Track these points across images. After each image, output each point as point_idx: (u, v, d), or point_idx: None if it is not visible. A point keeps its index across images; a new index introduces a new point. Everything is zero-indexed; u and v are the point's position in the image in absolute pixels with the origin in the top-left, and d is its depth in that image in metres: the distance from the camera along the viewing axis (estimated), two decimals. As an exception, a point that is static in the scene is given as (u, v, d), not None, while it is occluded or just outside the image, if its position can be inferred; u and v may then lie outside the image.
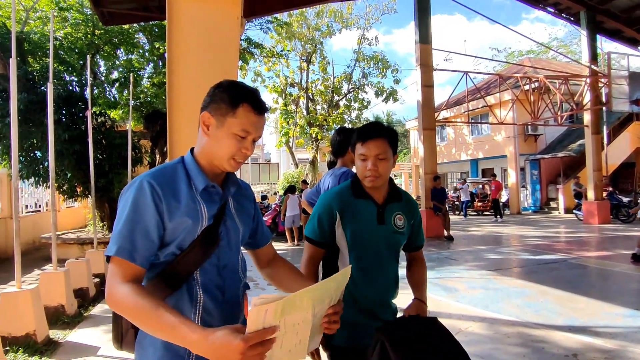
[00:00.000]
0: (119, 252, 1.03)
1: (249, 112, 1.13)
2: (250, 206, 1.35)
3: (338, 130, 2.97)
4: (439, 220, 10.58)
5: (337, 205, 1.63)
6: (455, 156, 22.72)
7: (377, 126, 1.65)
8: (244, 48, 13.49)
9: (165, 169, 1.15)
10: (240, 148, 1.14)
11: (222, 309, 1.18)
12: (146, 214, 1.06)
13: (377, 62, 20.73)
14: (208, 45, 2.85)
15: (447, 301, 5.00)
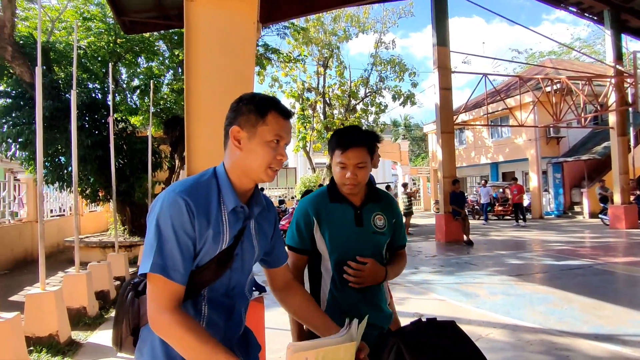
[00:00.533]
0: (160, 270, 1.02)
1: (278, 118, 1.15)
2: (270, 228, 1.33)
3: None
4: (458, 225, 10.42)
5: (312, 210, 1.61)
6: (475, 160, 22.38)
7: (357, 134, 1.61)
8: (262, 54, 13.63)
9: (200, 185, 1.13)
10: (275, 155, 1.14)
11: (226, 325, 1.19)
12: (183, 232, 1.05)
13: (394, 66, 20.63)
14: (225, 50, 2.87)
15: (467, 307, 4.90)
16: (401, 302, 5.08)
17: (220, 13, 2.87)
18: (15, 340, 3.24)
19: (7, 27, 6.90)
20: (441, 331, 0.81)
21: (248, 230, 1.21)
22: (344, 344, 0.92)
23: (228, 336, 1.20)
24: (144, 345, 1.14)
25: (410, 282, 6.28)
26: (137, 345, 1.17)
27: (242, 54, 2.90)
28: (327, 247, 1.59)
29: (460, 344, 0.76)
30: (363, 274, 1.55)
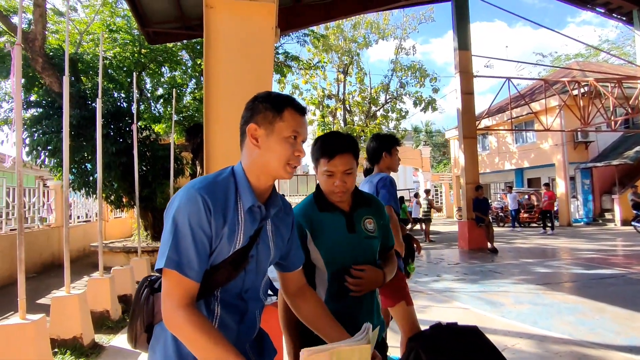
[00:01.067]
0: (175, 266, 1.02)
1: (294, 114, 1.15)
2: (287, 231, 1.30)
3: (373, 137, 2.93)
4: (482, 232, 10.16)
5: (304, 222, 1.55)
6: (499, 166, 21.88)
7: (342, 140, 1.57)
8: (282, 62, 13.77)
9: (218, 183, 1.12)
10: (293, 151, 1.14)
11: (238, 328, 1.17)
12: (200, 229, 1.04)
13: (414, 72, 20.47)
14: (244, 55, 2.89)
15: (491, 316, 4.74)
16: (423, 310, 4.96)
17: (239, 19, 2.90)
18: (40, 341, 3.31)
19: (38, 40, 7.18)
20: (462, 336, 0.76)
21: (264, 232, 1.19)
22: (359, 345, 0.88)
23: (241, 338, 1.18)
24: (157, 343, 1.14)
25: (432, 289, 6.14)
26: (150, 343, 1.17)
27: (260, 58, 2.92)
28: (323, 258, 1.55)
29: (482, 349, 0.71)
30: (363, 281, 1.52)
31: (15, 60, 3.59)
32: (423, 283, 6.66)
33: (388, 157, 2.82)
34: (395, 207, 2.59)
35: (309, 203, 1.63)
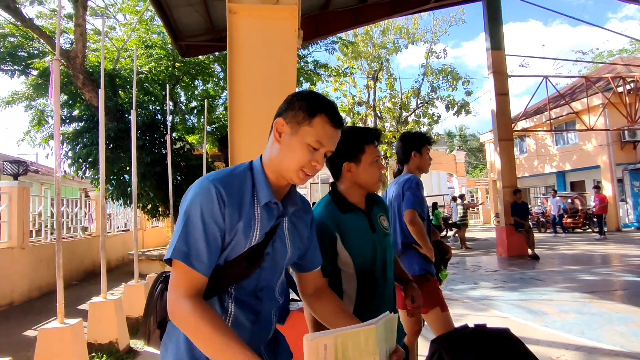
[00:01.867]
0: (183, 257, 0.99)
1: (325, 124, 1.09)
2: (306, 229, 1.26)
3: (402, 136, 2.84)
4: (521, 238, 9.70)
5: (332, 225, 1.48)
6: (538, 169, 20.98)
7: (369, 128, 1.58)
8: (311, 70, 13.86)
9: (234, 176, 1.09)
10: (310, 160, 1.08)
11: (252, 327, 1.12)
12: (212, 220, 1.01)
13: (446, 75, 20.08)
14: (267, 59, 2.89)
15: (533, 325, 4.47)
16: (459, 318, 4.75)
17: (262, 24, 2.90)
18: (77, 345, 3.41)
19: (79, 58, 7.56)
20: (490, 339, 0.68)
21: (281, 229, 1.15)
22: (364, 328, 0.82)
23: (255, 338, 1.13)
24: (169, 340, 1.11)
25: (469, 297, 5.89)
26: (162, 340, 1.14)
27: (284, 62, 2.91)
28: (354, 261, 1.48)
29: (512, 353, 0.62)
30: (418, 297, 1.49)
31: (53, 74, 3.77)
32: (459, 291, 6.41)
33: (418, 157, 2.72)
34: (420, 211, 2.47)
35: (329, 205, 1.55)
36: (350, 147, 1.52)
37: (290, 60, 2.93)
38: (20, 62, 9.53)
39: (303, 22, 7.68)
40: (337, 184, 1.60)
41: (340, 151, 1.50)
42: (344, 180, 1.56)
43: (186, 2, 5.71)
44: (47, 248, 7.32)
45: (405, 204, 2.47)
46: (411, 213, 2.43)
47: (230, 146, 2.79)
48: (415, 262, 2.53)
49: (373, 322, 0.87)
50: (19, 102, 9.92)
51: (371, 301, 1.49)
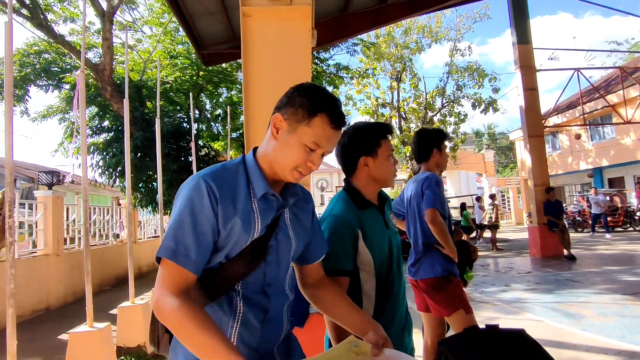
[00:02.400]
0: (170, 255, 0.96)
1: (325, 125, 1.05)
2: (308, 219, 1.22)
3: (419, 133, 2.73)
4: (556, 238, 9.29)
5: (354, 222, 1.44)
6: (573, 166, 20.14)
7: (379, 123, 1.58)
8: (333, 73, 13.83)
9: (226, 170, 1.07)
10: (306, 160, 1.05)
11: (263, 327, 1.08)
12: (202, 217, 0.99)
13: (471, 73, 19.61)
14: (282, 61, 2.88)
15: (570, 329, 4.25)
16: (489, 322, 4.55)
17: (276, 25, 2.90)
18: (105, 348, 3.48)
19: (107, 70, 7.83)
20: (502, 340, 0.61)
21: (282, 221, 1.12)
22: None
23: (266, 339, 1.09)
24: (179, 344, 1.06)
25: (500, 300, 5.68)
26: (171, 344, 1.11)
27: (298, 62, 2.89)
28: (374, 259, 1.45)
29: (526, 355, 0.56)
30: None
31: (79, 85, 3.90)
32: (489, 293, 6.19)
33: (438, 154, 2.62)
34: (441, 210, 2.38)
35: (347, 203, 1.51)
36: (367, 141, 1.52)
37: (305, 60, 2.91)
38: (53, 78, 9.97)
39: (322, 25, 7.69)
40: (351, 181, 1.57)
41: (357, 146, 1.52)
42: (359, 175, 1.54)
43: (207, 12, 5.81)
44: (81, 255, 7.57)
45: (425, 203, 2.39)
46: (432, 212, 2.35)
47: (246, 148, 2.79)
48: (437, 263, 2.44)
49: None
50: (54, 115, 10.36)
51: (388, 300, 1.46)
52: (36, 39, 9.90)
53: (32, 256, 6.69)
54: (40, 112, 10.45)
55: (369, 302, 1.45)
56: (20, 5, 7.62)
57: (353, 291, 1.43)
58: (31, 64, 9.80)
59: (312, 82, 1.14)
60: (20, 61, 9.65)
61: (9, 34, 2.88)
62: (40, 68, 9.88)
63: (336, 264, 1.38)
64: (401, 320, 1.49)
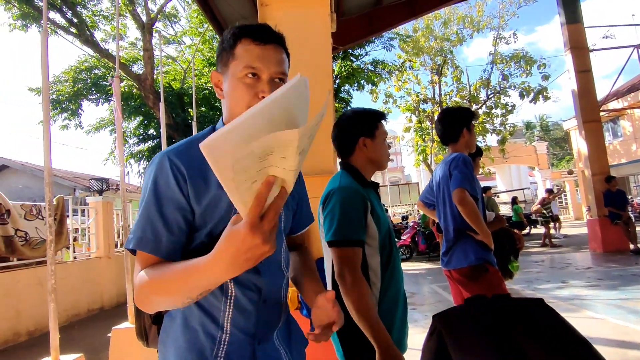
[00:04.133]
0: (143, 246, 0.88)
1: (248, 45, 0.93)
2: (295, 186, 1.12)
3: (446, 112, 2.53)
4: (619, 231, 8.52)
5: (365, 194, 1.46)
6: (638, 154, 18.51)
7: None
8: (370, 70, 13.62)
9: (193, 143, 0.97)
10: (255, 93, 0.93)
11: (258, 308, 0.98)
12: (169, 199, 0.90)
13: (518, 61, 18.61)
14: (302, 48, 2.80)
15: (637, 327, 3.83)
16: (542, 320, 4.22)
17: (294, 12, 2.84)
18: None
19: (149, 80, 8.17)
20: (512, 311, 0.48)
21: None
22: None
23: (264, 323, 1.00)
24: (167, 336, 1.00)
25: (555, 297, 5.25)
26: (159, 336, 1.03)
27: (318, 47, 2.81)
28: (379, 235, 1.44)
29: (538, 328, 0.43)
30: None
31: (115, 89, 4.05)
32: (544, 290, 5.75)
33: (468, 134, 2.42)
34: (471, 190, 2.17)
35: (352, 180, 1.51)
36: (366, 123, 1.57)
37: (325, 44, 2.82)
38: (103, 91, 10.59)
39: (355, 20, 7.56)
40: (349, 162, 1.59)
41: (356, 127, 1.57)
42: (357, 156, 1.57)
43: (240, 16, 5.88)
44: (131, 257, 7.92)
45: (453, 184, 2.19)
46: (460, 192, 2.15)
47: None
48: (470, 251, 2.23)
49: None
50: (105, 127, 10.98)
51: (392, 278, 1.45)
52: (86, 56, 10.57)
53: (86, 258, 7.08)
54: (92, 124, 11.12)
55: (375, 277, 1.43)
56: (69, 24, 8.14)
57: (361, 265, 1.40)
58: (83, 79, 10.46)
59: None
60: (74, 77, 10.33)
61: (44, 43, 3.03)
62: (91, 83, 10.53)
63: (352, 234, 1.37)
64: (405, 302, 1.51)
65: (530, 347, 0.44)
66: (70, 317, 6.33)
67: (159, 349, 1.02)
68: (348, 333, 1.38)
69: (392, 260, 1.48)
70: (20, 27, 8.54)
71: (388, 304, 1.42)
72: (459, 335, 0.52)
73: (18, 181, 14.81)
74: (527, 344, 0.44)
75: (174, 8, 11.99)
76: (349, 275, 1.33)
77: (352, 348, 1.40)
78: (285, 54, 1.00)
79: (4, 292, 5.20)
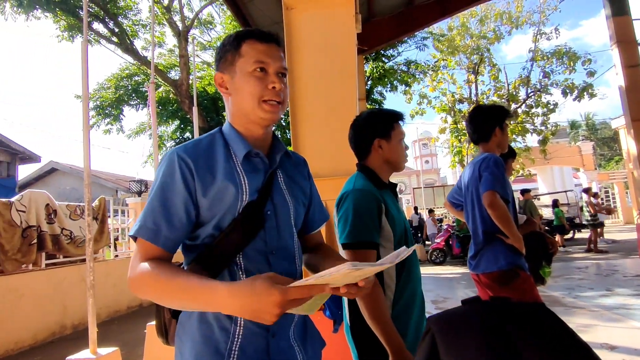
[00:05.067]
0: (142, 233, 0.93)
1: (253, 44, 1.02)
2: (304, 180, 1.16)
3: (478, 110, 2.45)
4: (674, 236, 7.95)
5: (380, 196, 1.44)
6: (696, 154, 17.16)
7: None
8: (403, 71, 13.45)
9: (201, 140, 1.05)
10: (265, 85, 1.00)
11: None
12: (174, 192, 0.95)
13: (560, 57, 17.76)
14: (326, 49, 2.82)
15: (689, 340, 3.56)
16: (584, 329, 4.01)
17: (319, 13, 2.85)
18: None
19: (185, 85, 8.45)
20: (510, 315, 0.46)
21: (276, 185, 1.05)
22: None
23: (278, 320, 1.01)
24: (184, 331, 1.02)
25: (598, 306, 4.97)
26: (176, 332, 1.05)
27: (343, 48, 2.81)
28: (395, 238, 1.42)
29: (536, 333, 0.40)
30: None
31: (150, 95, 4.22)
32: (586, 298, 5.45)
33: (500, 133, 2.33)
34: (502, 193, 2.09)
35: (367, 182, 1.51)
36: (381, 124, 1.54)
37: (350, 46, 2.81)
38: (143, 97, 11.05)
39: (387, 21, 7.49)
40: (364, 164, 1.58)
41: (371, 128, 1.55)
42: (373, 158, 1.56)
43: (271, 21, 5.98)
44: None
45: (483, 186, 2.12)
46: (491, 195, 2.07)
47: (292, 138, 2.76)
48: (500, 255, 2.15)
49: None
50: (144, 131, 11.45)
51: (409, 281, 1.43)
52: (127, 64, 11.08)
53: (126, 257, 7.40)
54: (133, 129, 11.62)
55: (390, 280, 1.40)
56: (110, 34, 8.56)
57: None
58: (124, 86, 10.98)
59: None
60: (115, 84, 10.86)
61: (84, 52, 3.20)
62: (132, 89, 11.02)
63: (366, 236, 1.37)
64: (422, 305, 1.49)
65: (526, 350, 0.41)
66: (112, 314, 6.63)
67: (175, 343, 1.05)
68: (363, 335, 1.37)
69: (407, 262, 1.45)
70: (67, 38, 9.10)
71: (403, 307, 1.40)
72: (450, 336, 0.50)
73: (66, 183, 15.71)
74: (524, 347, 0.42)
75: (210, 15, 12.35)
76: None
77: (367, 350, 1.39)
78: (283, 53, 1.08)
79: (52, 287, 5.53)
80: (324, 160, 2.62)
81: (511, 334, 0.48)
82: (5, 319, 4.81)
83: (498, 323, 0.50)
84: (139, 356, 4.11)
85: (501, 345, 0.46)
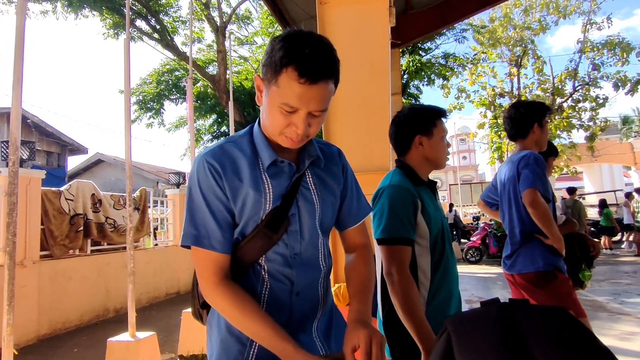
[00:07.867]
0: (194, 241, 0.97)
1: (291, 81, 0.87)
2: (336, 181, 1.11)
3: (517, 105, 2.36)
4: None
5: (415, 192, 1.42)
6: None
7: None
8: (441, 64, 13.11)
9: (228, 144, 1.03)
10: (288, 123, 0.93)
11: (291, 300, 1.03)
12: (211, 195, 0.98)
13: (612, 48, 16.69)
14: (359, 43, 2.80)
15: None
16: (628, 337, 3.80)
17: (352, 8, 2.84)
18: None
19: (222, 80, 8.64)
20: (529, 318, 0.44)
21: (304, 186, 1.04)
22: None
23: (298, 314, 1.03)
24: (213, 318, 1.09)
25: (646, 313, 4.69)
26: (207, 319, 1.13)
27: (376, 43, 2.79)
28: (430, 235, 1.41)
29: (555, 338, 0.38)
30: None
31: (188, 90, 4.34)
32: (633, 304, 5.15)
33: (539, 130, 2.24)
34: (543, 191, 2.00)
35: (403, 178, 1.49)
36: (422, 120, 1.52)
37: (383, 40, 2.78)
38: (182, 92, 11.41)
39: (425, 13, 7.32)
40: (404, 160, 1.56)
41: (412, 124, 1.53)
42: (413, 155, 1.54)
43: (308, 15, 5.99)
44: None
45: (522, 184, 2.04)
46: (532, 193, 1.99)
47: (324, 133, 2.76)
48: (538, 256, 2.07)
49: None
50: (184, 125, 11.82)
51: (444, 280, 1.41)
52: (167, 59, 11.47)
53: (165, 246, 7.71)
54: (173, 122, 12.03)
55: (424, 277, 1.40)
56: (152, 31, 8.86)
57: (409, 265, 1.38)
58: (165, 81, 11.37)
59: (295, 28, 0.93)
60: (157, 79, 11.26)
61: (127, 49, 3.34)
62: (172, 84, 11.40)
63: (400, 232, 1.37)
64: (458, 305, 1.47)
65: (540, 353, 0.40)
66: (151, 299, 6.94)
67: (207, 329, 1.12)
68: (396, 331, 1.37)
69: (443, 260, 1.44)
70: (112, 36, 9.52)
71: (438, 305, 1.39)
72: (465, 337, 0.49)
73: (111, 174, 16.51)
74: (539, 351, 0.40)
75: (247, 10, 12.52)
76: (396, 274, 1.32)
77: (399, 347, 1.39)
78: (334, 81, 0.93)
79: (96, 272, 5.85)
80: (355, 155, 2.61)
81: (527, 337, 0.46)
82: (56, 300, 5.15)
83: (514, 326, 0.49)
84: (175, 341, 4.28)
85: (516, 348, 0.45)
